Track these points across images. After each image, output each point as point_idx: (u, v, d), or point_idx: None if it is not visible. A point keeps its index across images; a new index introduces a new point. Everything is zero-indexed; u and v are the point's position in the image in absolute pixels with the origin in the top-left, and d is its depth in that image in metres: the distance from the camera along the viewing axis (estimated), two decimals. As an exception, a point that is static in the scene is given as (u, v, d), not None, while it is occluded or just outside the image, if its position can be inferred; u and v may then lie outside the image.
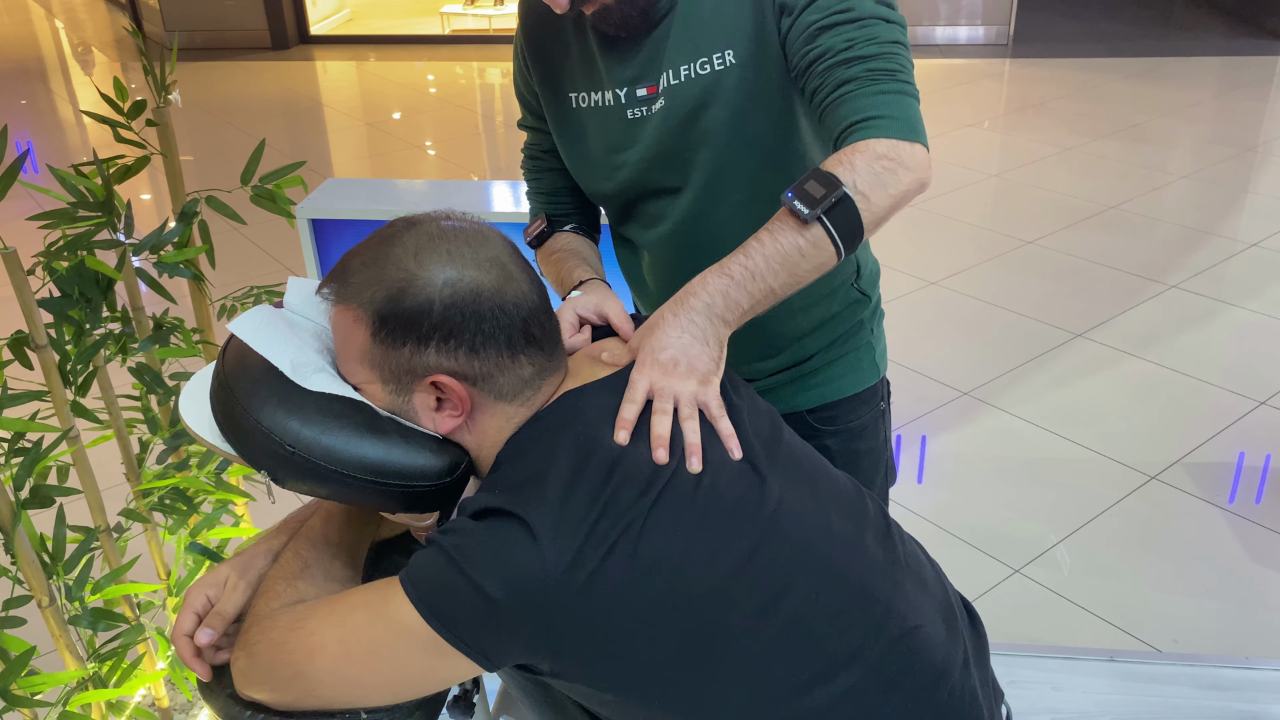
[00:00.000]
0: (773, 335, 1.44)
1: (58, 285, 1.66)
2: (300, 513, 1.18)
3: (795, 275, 1.08)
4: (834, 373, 1.48)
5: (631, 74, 1.29)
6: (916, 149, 1.10)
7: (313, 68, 7.85)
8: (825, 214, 1.05)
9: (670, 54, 1.26)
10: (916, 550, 1.15)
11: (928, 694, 1.04)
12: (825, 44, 1.16)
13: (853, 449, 1.51)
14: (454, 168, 5.58)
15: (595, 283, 1.31)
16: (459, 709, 1.22)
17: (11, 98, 7.14)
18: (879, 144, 1.09)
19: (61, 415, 1.68)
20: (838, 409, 1.49)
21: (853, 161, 1.08)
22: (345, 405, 1.01)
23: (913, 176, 1.09)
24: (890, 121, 1.10)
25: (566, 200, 1.51)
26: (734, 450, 1.01)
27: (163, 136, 1.75)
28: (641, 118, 1.31)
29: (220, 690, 1.05)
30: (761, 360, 1.47)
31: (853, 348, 1.48)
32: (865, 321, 1.48)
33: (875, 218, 1.09)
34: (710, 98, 1.26)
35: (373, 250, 1.01)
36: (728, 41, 1.24)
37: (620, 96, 1.31)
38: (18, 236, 1.75)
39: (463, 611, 0.90)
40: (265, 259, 4.33)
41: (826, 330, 1.46)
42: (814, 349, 1.46)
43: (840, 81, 1.15)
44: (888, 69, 1.14)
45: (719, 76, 1.25)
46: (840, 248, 1.07)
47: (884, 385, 1.54)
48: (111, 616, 1.73)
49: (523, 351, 1.01)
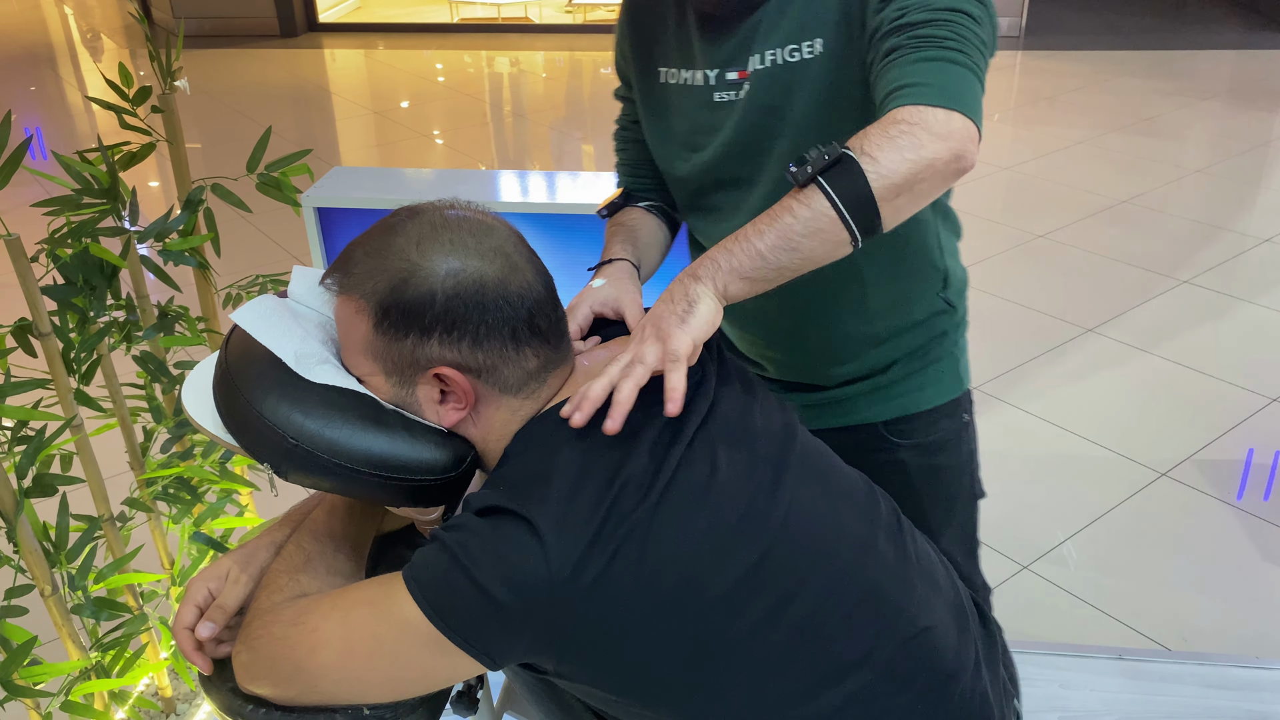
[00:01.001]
0: (846, 337, 1.38)
1: (62, 272, 1.65)
2: (304, 505, 1.17)
3: (787, 240, 0.98)
4: (914, 384, 1.40)
5: (724, 56, 1.24)
6: (953, 117, 0.97)
7: (321, 56, 7.83)
8: (822, 175, 0.97)
9: (761, 38, 1.21)
10: (928, 549, 1.14)
11: (938, 695, 1.02)
12: (881, 17, 1.09)
13: (931, 464, 1.44)
14: (462, 157, 5.56)
15: (619, 267, 1.28)
16: (462, 705, 1.21)
17: (20, 84, 7.14)
18: (900, 111, 0.99)
19: (65, 403, 1.67)
20: (916, 422, 1.41)
21: (867, 131, 0.99)
22: (349, 398, 1.00)
23: (942, 145, 0.96)
24: (922, 88, 1.00)
25: (647, 175, 1.47)
26: (669, 407, 0.93)
27: (168, 123, 1.74)
28: (727, 102, 1.26)
29: (221, 684, 1.04)
30: (836, 365, 1.40)
31: (935, 358, 1.40)
32: (949, 332, 1.41)
33: (889, 183, 0.96)
34: (795, 87, 1.20)
35: (375, 240, 1.00)
36: (817, 29, 1.18)
37: (710, 78, 1.26)
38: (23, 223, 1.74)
39: (466, 610, 0.89)
40: (271, 247, 4.32)
41: (907, 339, 1.38)
42: (893, 357, 1.39)
43: (885, 52, 1.06)
44: (934, 35, 1.03)
45: (805, 65, 1.19)
46: (845, 214, 0.96)
47: (967, 398, 1.46)
48: (114, 606, 1.73)
49: (527, 343, 0.99)
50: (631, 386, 0.94)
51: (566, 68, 7.38)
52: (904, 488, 1.37)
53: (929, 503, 1.43)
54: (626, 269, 1.28)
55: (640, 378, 0.95)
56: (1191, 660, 2.19)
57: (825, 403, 1.42)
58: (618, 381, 0.96)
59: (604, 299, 1.20)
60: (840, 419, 1.42)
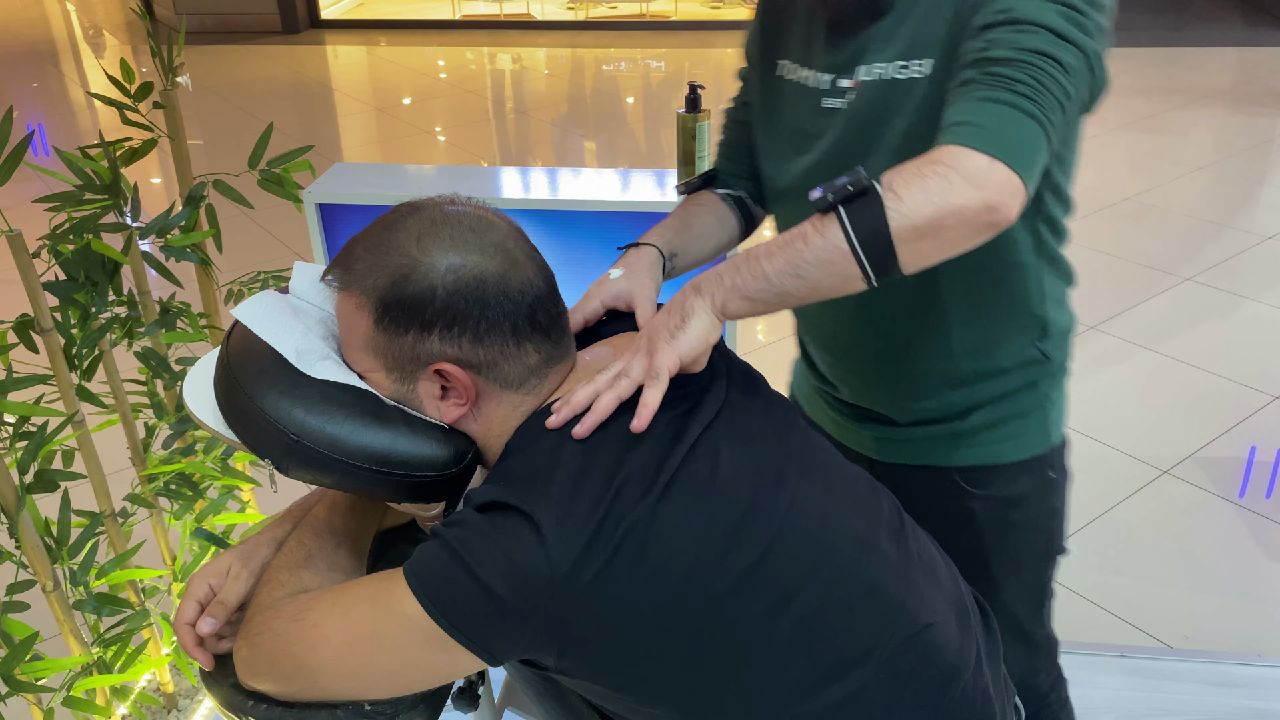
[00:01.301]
0: (925, 373, 1.29)
1: (63, 268, 1.65)
2: (305, 501, 1.17)
3: (795, 266, 0.95)
4: (996, 435, 1.30)
5: (840, 62, 1.19)
6: (995, 166, 0.91)
7: (323, 52, 7.83)
8: (842, 204, 0.93)
9: (875, 49, 1.15)
10: (929, 547, 1.13)
11: (940, 693, 1.02)
12: (969, 45, 1.02)
13: (1004, 518, 1.34)
14: (464, 154, 5.56)
15: (643, 255, 1.24)
16: (463, 701, 1.21)
17: (23, 80, 7.14)
18: (943, 150, 0.93)
19: (67, 399, 1.67)
20: (994, 474, 1.32)
21: (903, 165, 0.94)
22: (350, 393, 0.99)
23: (975, 194, 0.90)
24: (973, 129, 0.94)
25: (741, 161, 1.40)
26: (635, 423, 0.93)
27: (170, 119, 1.74)
28: (834, 110, 1.20)
29: (223, 679, 1.04)
30: (912, 400, 1.32)
31: (1022, 410, 1.30)
32: (1040, 383, 1.30)
33: (909, 224, 0.91)
34: (897, 105, 1.13)
35: (376, 236, 0.99)
36: (928, 49, 1.10)
37: (823, 82, 1.20)
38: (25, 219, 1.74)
39: (466, 606, 0.88)
40: (273, 244, 4.32)
41: (992, 385, 1.28)
42: (975, 402, 1.29)
43: (958, 83, 1.00)
44: (1008, 76, 0.96)
45: (911, 85, 1.12)
46: (858, 250, 0.92)
47: (1056, 454, 1.34)
48: (116, 602, 1.73)
49: (528, 339, 0.99)
50: (611, 399, 0.95)
51: (569, 64, 7.38)
52: (970, 538, 1.34)
53: (994, 555, 1.36)
54: (650, 258, 1.24)
55: (624, 391, 0.96)
56: (1194, 658, 2.19)
57: (899, 439, 1.35)
58: (602, 391, 0.96)
59: (617, 292, 1.18)
60: (912, 457, 1.35)
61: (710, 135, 1.96)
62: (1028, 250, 1.21)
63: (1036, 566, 1.40)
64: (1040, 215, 1.19)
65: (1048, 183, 1.17)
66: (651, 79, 6.91)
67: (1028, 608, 1.42)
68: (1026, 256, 1.21)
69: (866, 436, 1.38)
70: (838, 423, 1.42)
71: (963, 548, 1.35)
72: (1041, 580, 1.41)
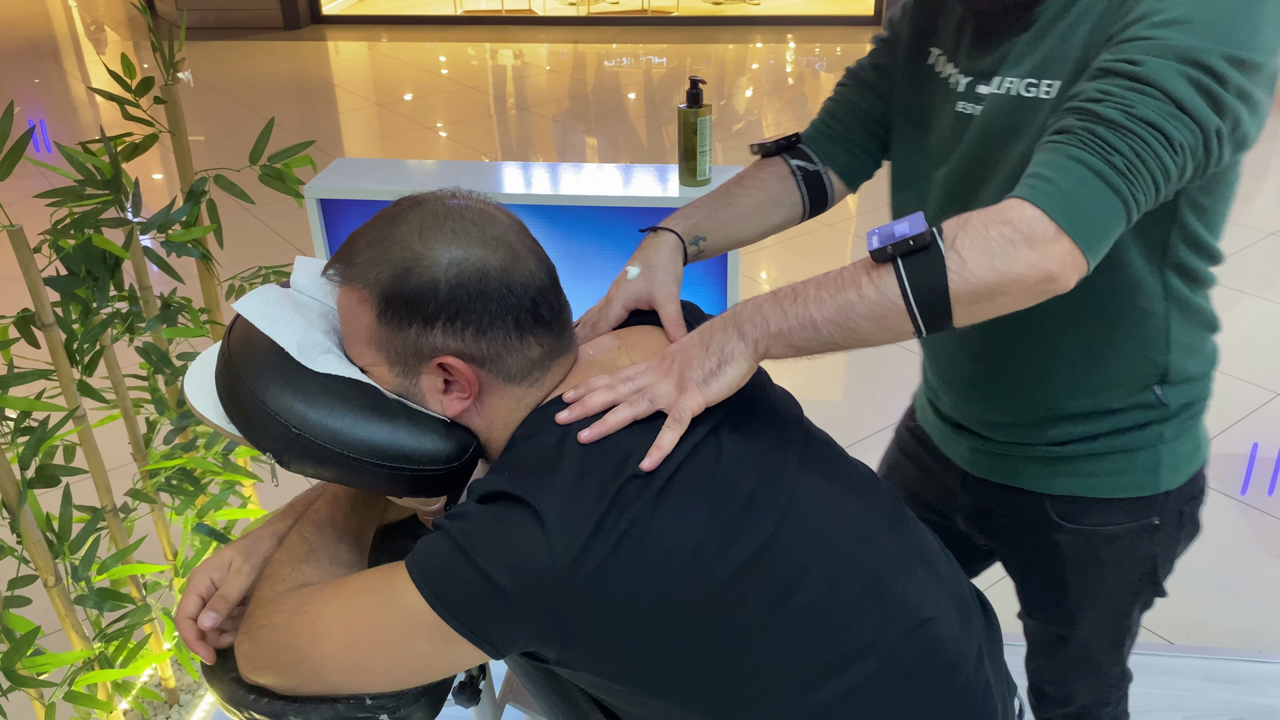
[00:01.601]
0: (1024, 403, 1.23)
1: (64, 264, 1.65)
2: (306, 495, 1.17)
3: (846, 317, 0.93)
4: (1095, 467, 1.22)
5: (979, 67, 1.12)
6: (1061, 239, 0.89)
7: (324, 48, 7.82)
8: (902, 258, 0.90)
9: (1012, 61, 1.08)
10: (931, 541, 1.13)
11: (941, 686, 1.02)
12: (1083, 86, 0.95)
13: (1094, 555, 1.27)
14: (465, 150, 5.56)
15: (661, 243, 1.20)
16: (464, 695, 1.21)
17: (24, 76, 7.14)
18: (1015, 207, 0.90)
19: (68, 394, 1.67)
20: (1086, 507, 1.24)
21: (970, 218, 0.91)
22: (352, 387, 0.99)
23: (1036, 262, 0.88)
24: (1052, 191, 0.90)
25: (850, 123, 1.33)
26: (645, 463, 0.92)
27: (171, 114, 1.74)
28: (966, 116, 1.14)
29: (224, 673, 1.04)
30: (1008, 425, 1.25)
31: (1129, 447, 1.21)
32: (1154, 424, 1.20)
33: (970, 289, 0.89)
34: (1021, 126, 1.07)
35: (378, 230, 0.99)
36: (1058, 70, 1.04)
37: (961, 83, 1.15)
38: (26, 215, 1.74)
39: (468, 599, 0.88)
40: (274, 239, 4.32)
41: (1096, 422, 1.20)
42: (1077, 435, 1.21)
43: (1056, 127, 0.95)
44: (1109, 143, 0.90)
45: (1036, 106, 1.05)
46: (913, 308, 0.90)
47: (1167, 500, 1.23)
48: (118, 597, 1.73)
49: (531, 332, 0.99)
50: (627, 416, 0.95)
51: (570, 60, 7.37)
52: (1053, 566, 1.29)
53: (1075, 588, 1.30)
54: (669, 247, 1.21)
55: (641, 412, 0.96)
56: (1194, 654, 2.19)
57: (995, 453, 1.29)
58: (621, 401, 0.96)
59: (636, 294, 1.16)
60: (1006, 476, 1.28)
61: (711, 130, 1.96)
62: (1156, 298, 1.13)
63: (1120, 606, 1.32)
64: (1168, 261, 1.11)
65: (1181, 231, 1.09)
66: (653, 75, 6.91)
67: (1104, 643, 1.37)
68: (1154, 304, 1.13)
69: (964, 447, 1.33)
70: (940, 430, 1.37)
71: (1044, 575, 1.32)
72: (1125, 619, 1.34)
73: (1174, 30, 0.92)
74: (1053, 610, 1.35)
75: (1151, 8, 0.95)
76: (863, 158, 1.35)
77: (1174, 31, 0.92)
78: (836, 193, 1.37)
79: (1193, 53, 0.91)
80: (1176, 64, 0.91)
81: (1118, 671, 1.42)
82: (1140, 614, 1.36)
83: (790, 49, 7.52)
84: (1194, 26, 0.92)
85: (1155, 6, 0.94)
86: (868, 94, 1.32)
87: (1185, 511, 1.27)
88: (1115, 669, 1.41)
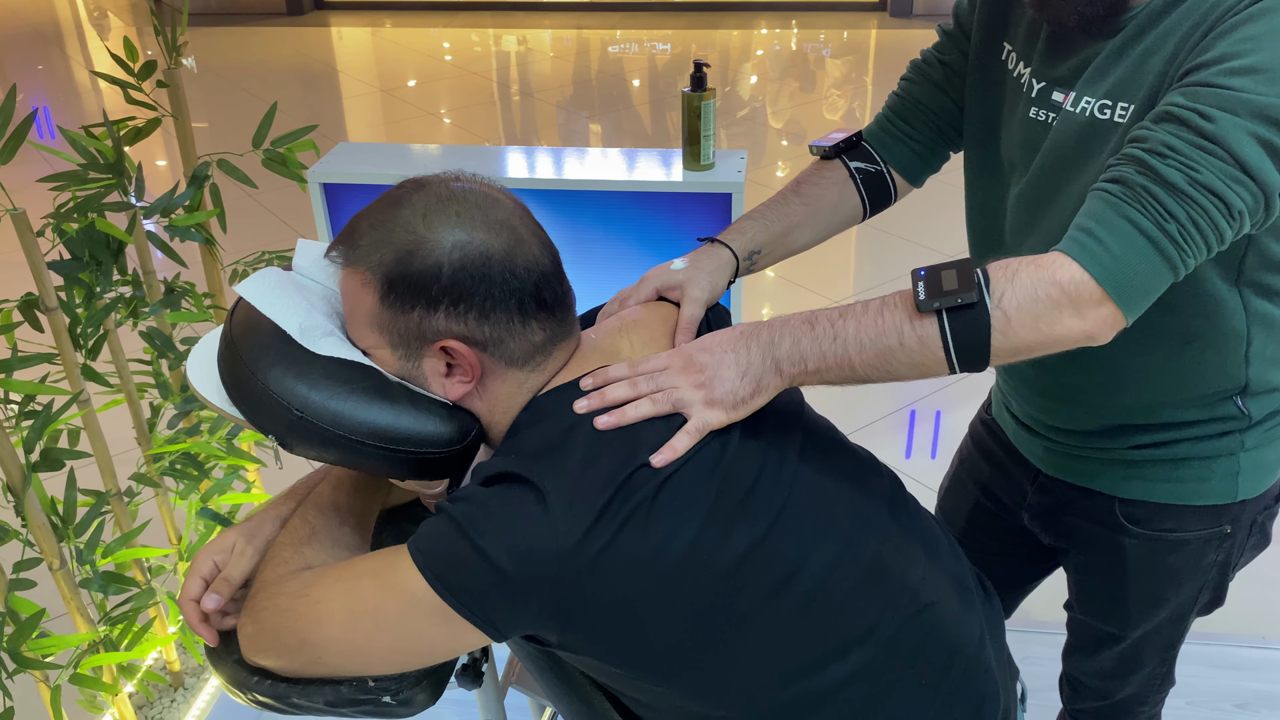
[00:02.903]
0: (1095, 409, 1.21)
1: (68, 248, 1.65)
2: (309, 479, 1.17)
3: (885, 362, 0.93)
4: (1167, 473, 1.20)
5: (1054, 74, 1.09)
6: (1104, 306, 0.90)
7: (328, 34, 7.80)
8: (947, 311, 0.91)
9: (1090, 77, 1.05)
10: (932, 525, 1.13)
11: (942, 670, 1.02)
12: (1145, 131, 0.92)
13: (1160, 560, 1.24)
14: (468, 136, 5.55)
15: (714, 254, 1.19)
16: (467, 678, 1.21)
17: (28, 63, 7.13)
18: (1065, 267, 0.90)
19: (72, 378, 1.67)
20: (1157, 512, 1.22)
21: (1018, 271, 0.90)
22: (354, 370, 0.99)
23: (1080, 327, 0.90)
24: (1101, 253, 0.89)
25: (917, 120, 1.31)
26: (656, 459, 0.91)
27: (173, 98, 1.74)
28: (1040, 122, 1.11)
29: (227, 655, 1.04)
30: (1077, 428, 1.24)
31: (1205, 454, 1.18)
32: (1235, 433, 1.17)
33: (1011, 347, 0.90)
34: (1093, 148, 1.04)
35: (381, 212, 0.99)
36: (1134, 93, 1.01)
37: (1034, 87, 1.11)
38: (30, 200, 1.74)
39: (471, 581, 0.88)
40: (277, 224, 4.32)
41: (1175, 431, 1.18)
42: (1153, 441, 1.19)
43: (1113, 176, 0.92)
44: (1166, 209, 0.89)
45: (1109, 129, 1.03)
46: (953, 360, 0.91)
47: (1242, 510, 1.21)
48: (122, 580, 1.73)
49: (534, 316, 0.99)
50: (648, 412, 0.94)
51: (574, 46, 7.35)
52: (1115, 569, 1.28)
53: (1134, 592, 1.28)
54: (720, 260, 1.20)
55: (660, 411, 0.95)
56: (1199, 640, 2.19)
57: (1069, 454, 1.27)
58: (641, 398, 0.96)
59: (671, 283, 1.15)
60: (1078, 477, 1.27)
61: (715, 114, 1.95)
62: (1235, 314, 1.10)
63: (1180, 611, 1.31)
64: (1245, 280, 1.08)
65: (1257, 253, 1.06)
66: (657, 61, 6.88)
67: (1157, 646, 1.35)
68: (1233, 321, 1.10)
69: (1038, 445, 1.31)
70: (1013, 429, 1.36)
71: (1106, 576, 1.30)
72: (1181, 624, 1.33)
73: (1251, 80, 0.89)
74: (1109, 612, 1.34)
75: (1231, 49, 0.92)
76: (927, 155, 1.33)
77: (1251, 81, 0.89)
78: (899, 191, 1.35)
79: (1267, 109, 0.88)
80: (1248, 122, 0.88)
81: (1164, 672, 1.40)
82: (1194, 619, 1.34)
83: (795, 34, 7.49)
84: (1272, 76, 0.89)
85: (1235, 49, 0.91)
86: (933, 90, 1.30)
87: (1258, 521, 1.25)
88: (1162, 670, 1.40)
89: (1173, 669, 1.41)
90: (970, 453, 1.50)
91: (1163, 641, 1.35)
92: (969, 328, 0.90)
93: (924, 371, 0.94)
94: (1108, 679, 1.42)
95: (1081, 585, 1.37)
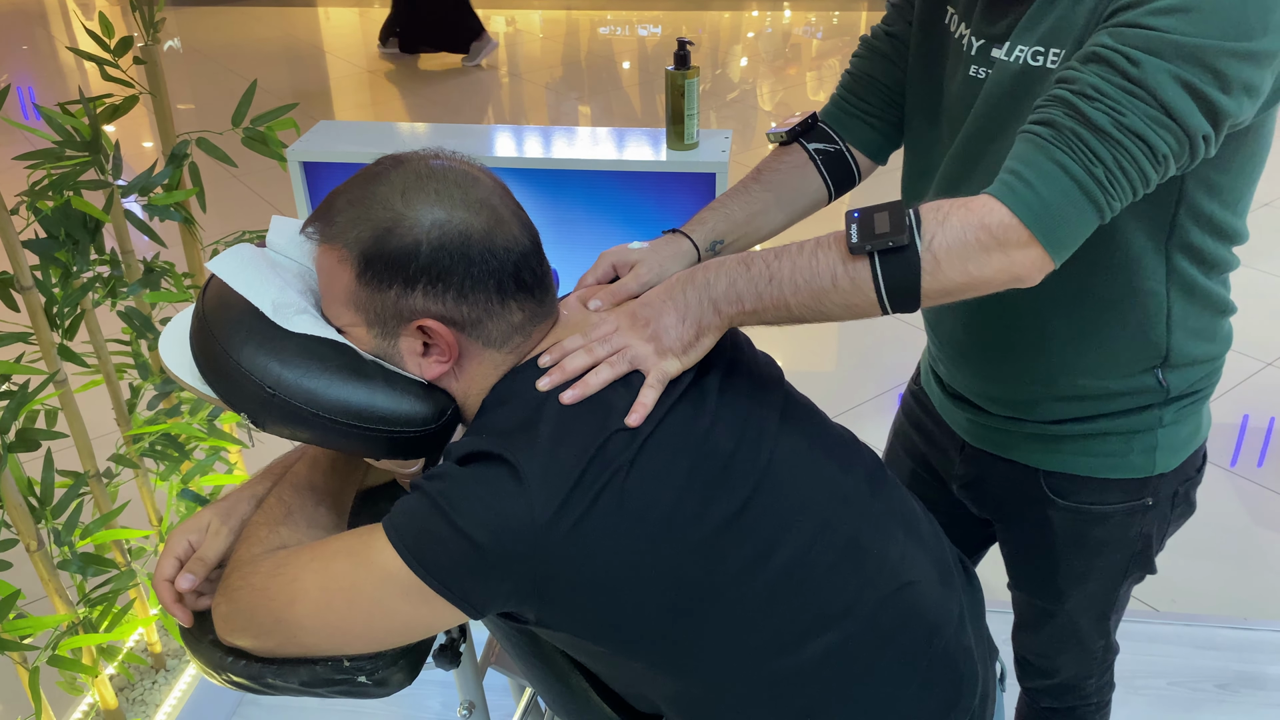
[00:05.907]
0: (1019, 379, 1.22)
1: (43, 226, 1.63)
2: (285, 458, 1.16)
3: (819, 302, 0.95)
4: (1089, 448, 1.21)
5: (995, 30, 1.09)
6: (1032, 248, 0.91)
7: (315, 14, 7.74)
8: (879, 253, 0.92)
9: (1022, 29, 1.06)
10: (913, 505, 1.13)
11: (921, 648, 1.02)
12: (1073, 72, 0.93)
13: (1085, 532, 1.26)
14: (457, 118, 5.51)
15: (675, 243, 1.19)
16: (445, 658, 1.21)
17: (12, 43, 7.06)
18: (993, 210, 0.91)
19: (48, 358, 1.65)
20: (1080, 485, 1.23)
21: (949, 214, 0.92)
22: (328, 348, 0.98)
23: (1005, 266, 0.91)
24: (1029, 195, 0.91)
25: (870, 95, 1.30)
26: (631, 418, 0.92)
27: (151, 75, 1.71)
28: (976, 80, 1.12)
29: (202, 636, 1.03)
30: (1003, 399, 1.24)
31: (1125, 429, 1.20)
32: (1155, 408, 1.19)
33: (941, 288, 0.92)
34: (1025, 96, 1.04)
35: (358, 189, 0.97)
36: (1064, 39, 1.01)
37: (973, 47, 1.12)
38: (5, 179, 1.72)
39: (446, 557, 0.88)
40: (259, 203, 4.29)
41: (1095, 404, 1.19)
42: (1073, 415, 1.21)
43: (1039, 119, 0.94)
44: (1092, 152, 0.90)
45: (1042, 75, 1.03)
46: (885, 301, 0.93)
47: (1161, 482, 1.23)
48: (101, 562, 1.72)
49: (513, 297, 0.98)
50: (608, 376, 0.95)
51: (563, 28, 7.30)
52: (1043, 542, 1.29)
53: (1064, 564, 1.30)
54: (679, 250, 1.19)
55: (620, 372, 0.96)
56: (1180, 621, 2.20)
57: (990, 426, 1.28)
58: (598, 364, 0.96)
59: (625, 261, 1.15)
60: (1001, 449, 1.28)
61: (698, 93, 1.94)
62: (1156, 278, 1.11)
63: (1109, 583, 1.33)
64: (1175, 243, 1.09)
65: (1190, 210, 1.07)
66: (646, 43, 6.85)
67: (1090, 618, 1.37)
68: (1153, 284, 1.11)
69: (961, 417, 1.32)
70: (939, 398, 1.37)
71: (1034, 549, 1.32)
72: (1112, 595, 1.34)
73: (1178, 20, 0.89)
74: (1040, 585, 1.35)
75: None
76: (886, 130, 1.32)
77: (1178, 21, 0.89)
78: (863, 169, 1.35)
79: (1195, 51, 0.88)
80: (1172, 65, 0.89)
81: (1103, 645, 1.42)
82: (1129, 589, 1.36)
83: (786, 16, 7.45)
84: (1201, 16, 0.89)
85: None
86: (883, 63, 1.29)
87: (1180, 492, 1.27)
88: (1100, 643, 1.41)
89: (1113, 640, 1.43)
90: (902, 425, 1.51)
91: (1096, 613, 1.37)
92: (900, 269, 0.91)
93: (857, 312, 0.95)
94: (1050, 657, 1.44)
95: (1013, 561, 1.38)
